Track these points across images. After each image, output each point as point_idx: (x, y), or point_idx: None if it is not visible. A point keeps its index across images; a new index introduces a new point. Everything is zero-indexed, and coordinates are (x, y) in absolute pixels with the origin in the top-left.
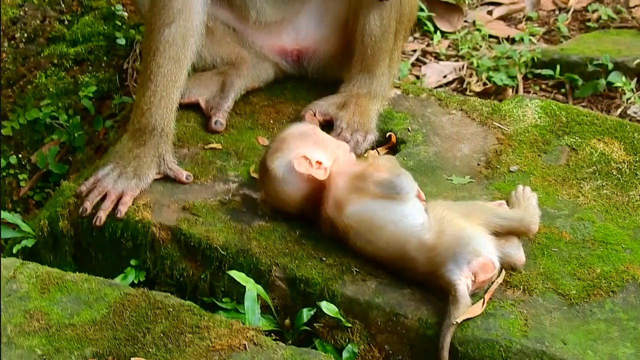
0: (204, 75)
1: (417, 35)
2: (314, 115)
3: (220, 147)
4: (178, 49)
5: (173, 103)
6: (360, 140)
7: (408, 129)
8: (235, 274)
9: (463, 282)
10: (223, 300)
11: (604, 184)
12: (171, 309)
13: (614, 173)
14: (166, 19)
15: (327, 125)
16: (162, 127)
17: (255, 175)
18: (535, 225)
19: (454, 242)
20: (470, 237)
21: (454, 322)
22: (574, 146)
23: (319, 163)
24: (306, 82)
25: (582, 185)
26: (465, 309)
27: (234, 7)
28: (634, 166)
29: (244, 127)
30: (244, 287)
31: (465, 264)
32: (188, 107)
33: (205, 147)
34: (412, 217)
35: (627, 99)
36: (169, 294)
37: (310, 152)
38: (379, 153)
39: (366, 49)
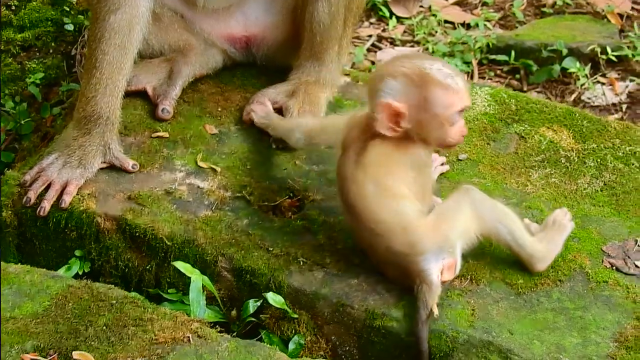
0: (151, 63)
1: (372, 20)
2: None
3: (168, 135)
4: (124, 36)
5: (119, 91)
6: None
7: None
8: (180, 264)
9: (435, 273)
10: (169, 291)
11: (552, 172)
12: (114, 301)
13: (563, 161)
14: (112, 5)
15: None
16: (107, 115)
17: (202, 164)
18: (542, 267)
19: (442, 240)
20: (456, 241)
21: (430, 310)
22: (523, 134)
23: None
24: (255, 70)
25: (530, 174)
26: (437, 298)
27: None
28: (582, 154)
29: (192, 115)
30: (190, 278)
31: (441, 259)
32: (135, 95)
33: (152, 135)
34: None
35: (582, 85)
36: (113, 285)
37: None
38: None
39: (315, 37)
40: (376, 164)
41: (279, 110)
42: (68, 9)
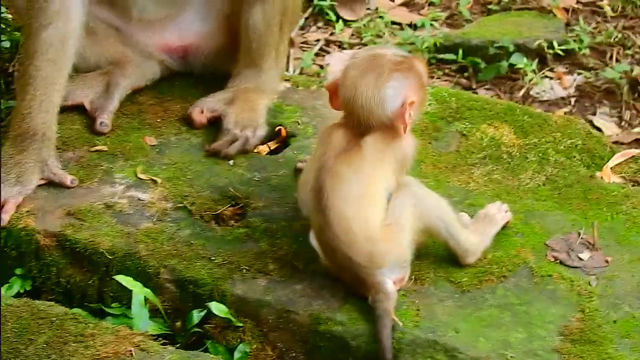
0: (88, 77)
1: (319, 24)
2: (202, 112)
3: (106, 148)
4: (57, 51)
5: (54, 106)
6: (250, 136)
7: (298, 122)
8: (122, 278)
9: (391, 284)
10: (112, 305)
11: (494, 168)
12: (55, 318)
13: (504, 157)
14: (43, 20)
15: (216, 122)
16: (43, 131)
17: (142, 176)
18: (473, 259)
19: (399, 254)
20: (410, 251)
21: (393, 318)
22: (464, 132)
23: None
24: (193, 79)
25: (472, 171)
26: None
27: (116, 5)
28: (524, 150)
29: (131, 128)
30: (132, 291)
31: (396, 271)
32: (73, 110)
33: (91, 149)
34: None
35: (530, 80)
36: (53, 302)
37: None
38: (269, 148)
39: (251, 43)
40: (371, 163)
41: (218, 119)
42: (4, 26)
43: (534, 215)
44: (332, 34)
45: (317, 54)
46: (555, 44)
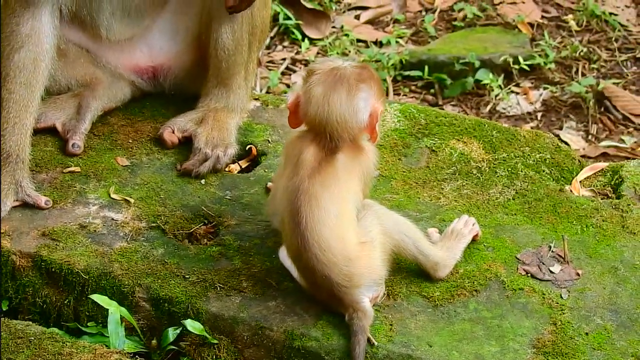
0: (59, 99)
1: (285, 43)
2: (173, 132)
3: (79, 170)
4: (29, 74)
5: (27, 129)
6: (221, 155)
7: (268, 141)
8: (97, 297)
9: (368, 302)
10: (88, 324)
11: (464, 183)
12: (32, 338)
13: (474, 172)
14: (15, 44)
15: (187, 142)
16: (17, 153)
17: (115, 196)
18: (444, 274)
19: (376, 272)
20: (384, 273)
21: (367, 335)
22: (433, 148)
23: None
24: (164, 99)
25: (442, 187)
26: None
27: (85, 26)
28: (493, 164)
29: (103, 148)
30: (108, 310)
31: (372, 291)
32: (45, 132)
33: (64, 170)
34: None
35: (496, 95)
36: (31, 322)
37: None
38: (240, 167)
39: (220, 63)
40: (343, 180)
41: (189, 139)
42: None
43: (504, 230)
44: (297, 52)
45: (283, 73)
46: (520, 59)
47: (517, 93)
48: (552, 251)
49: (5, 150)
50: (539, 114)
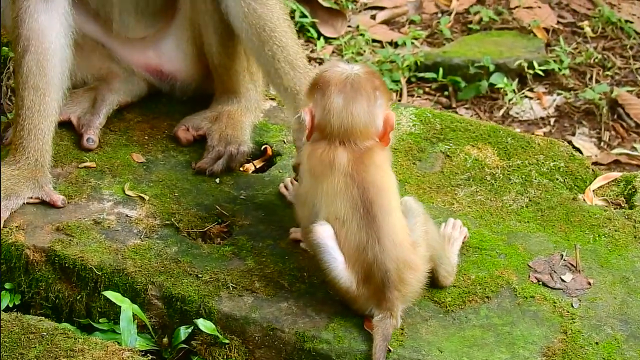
0: (75, 92)
1: (301, 42)
2: (187, 130)
3: (95, 165)
4: (36, 77)
5: (44, 134)
6: (234, 152)
7: (284, 141)
8: (110, 294)
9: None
10: (100, 321)
11: (477, 189)
12: (45, 333)
13: (488, 179)
14: (19, 47)
15: (203, 140)
16: (36, 157)
17: (130, 192)
18: (452, 280)
19: (421, 283)
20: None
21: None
22: (448, 153)
23: None
24: (179, 97)
25: (456, 192)
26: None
27: (99, 19)
28: (507, 171)
29: (119, 144)
30: (120, 307)
31: (406, 304)
32: (61, 125)
33: (79, 166)
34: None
35: (509, 100)
36: (43, 317)
37: None
38: (255, 166)
39: (222, 76)
40: (388, 174)
41: (204, 137)
42: None
43: (517, 237)
44: (313, 51)
45: None
46: (535, 64)
47: (531, 98)
48: (564, 260)
49: (24, 156)
50: (552, 120)
